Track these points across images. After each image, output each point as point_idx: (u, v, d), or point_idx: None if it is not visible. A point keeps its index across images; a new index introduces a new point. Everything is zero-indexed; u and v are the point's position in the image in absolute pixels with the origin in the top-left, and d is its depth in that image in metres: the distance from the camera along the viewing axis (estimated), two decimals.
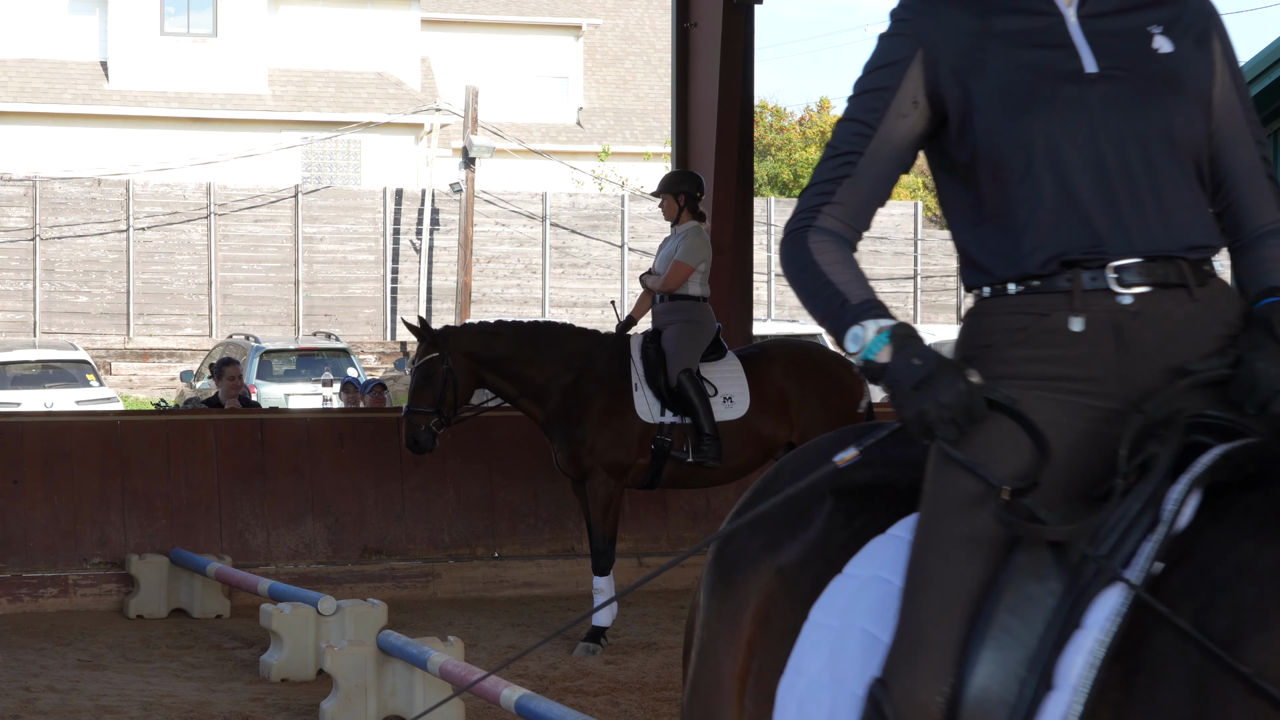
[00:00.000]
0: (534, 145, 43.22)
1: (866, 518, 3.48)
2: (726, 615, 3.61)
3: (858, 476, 3.51)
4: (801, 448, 3.76)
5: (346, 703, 8.56)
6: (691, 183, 11.37)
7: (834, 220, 3.35)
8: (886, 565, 3.34)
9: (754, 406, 11.12)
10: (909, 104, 3.29)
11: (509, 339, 11.06)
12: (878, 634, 3.27)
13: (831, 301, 3.30)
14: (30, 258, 35.75)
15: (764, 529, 3.61)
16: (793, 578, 3.50)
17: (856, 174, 3.33)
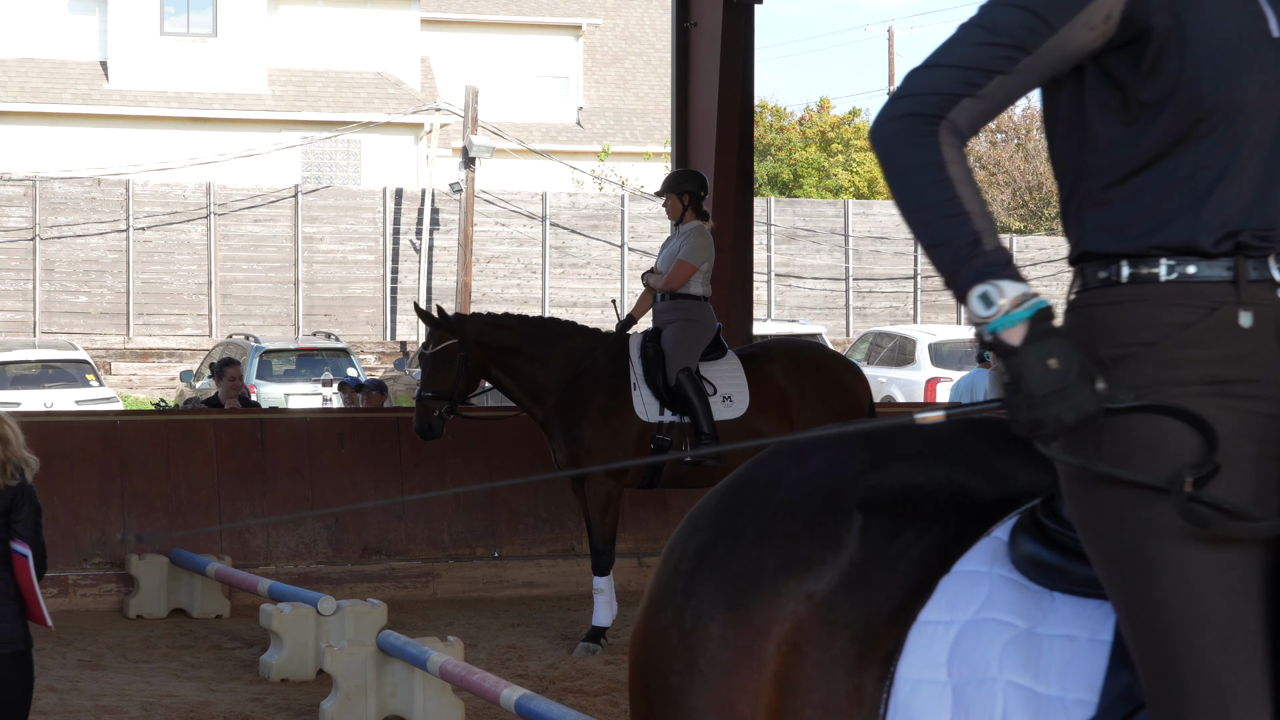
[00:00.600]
0: (534, 145, 43.21)
1: (910, 535, 3.14)
2: (738, 644, 3.18)
3: (883, 484, 3.19)
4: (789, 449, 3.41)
5: (346, 703, 8.56)
6: (695, 182, 11.36)
7: (969, 118, 2.83)
8: (993, 606, 2.99)
9: (753, 406, 11.11)
10: (1101, 17, 2.79)
11: (515, 332, 11.05)
12: (1030, 685, 2.91)
13: (957, 230, 2.77)
14: (30, 257, 35.75)
15: (773, 545, 3.21)
16: (830, 605, 3.13)
17: (1015, 72, 2.80)
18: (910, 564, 3.11)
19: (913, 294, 40.62)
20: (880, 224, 40.71)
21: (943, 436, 3.25)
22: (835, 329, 39.09)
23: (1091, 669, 2.87)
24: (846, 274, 40.26)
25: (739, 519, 3.27)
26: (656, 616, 3.31)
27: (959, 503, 3.15)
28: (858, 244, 40.33)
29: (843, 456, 3.27)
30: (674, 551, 3.36)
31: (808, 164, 46.78)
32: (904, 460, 3.21)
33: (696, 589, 3.25)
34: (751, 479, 3.34)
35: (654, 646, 3.30)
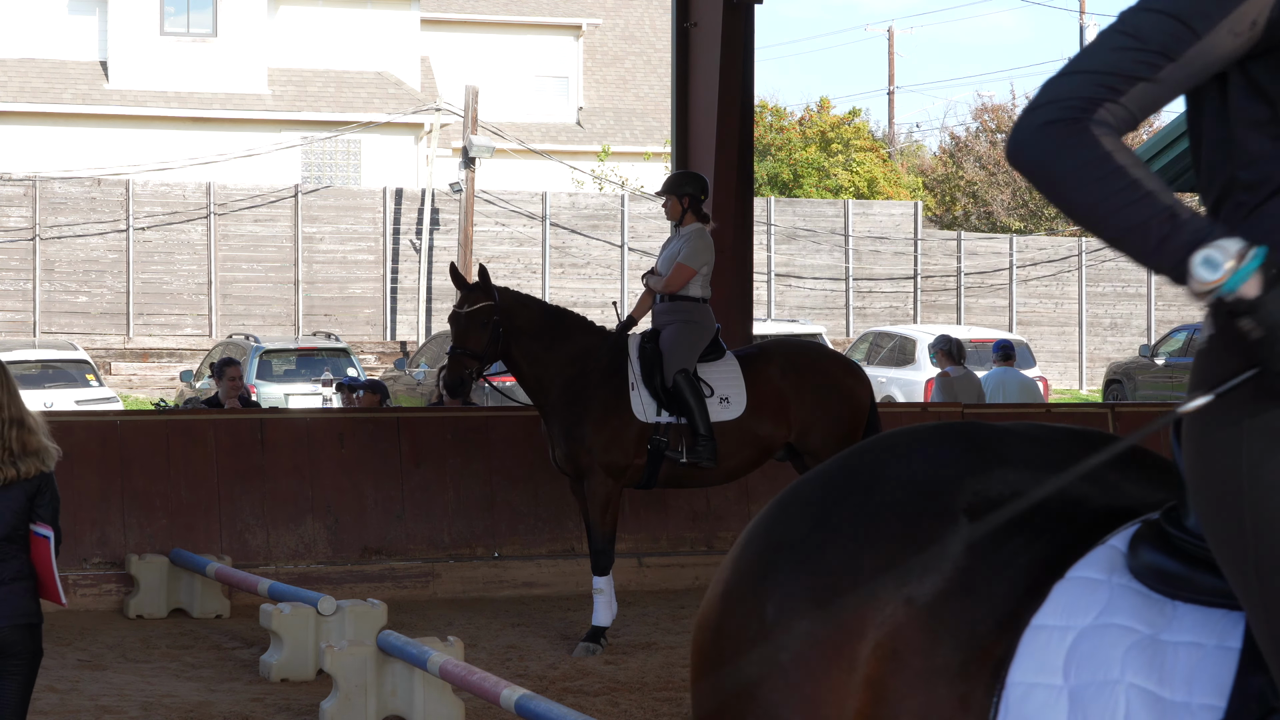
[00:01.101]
0: (534, 145, 43.22)
1: (1018, 543, 3.06)
2: (827, 642, 3.10)
3: (990, 489, 3.10)
4: (890, 444, 3.29)
5: (346, 703, 8.56)
6: (696, 184, 11.34)
7: (1113, 123, 2.71)
8: (1115, 612, 2.93)
9: (751, 407, 11.10)
10: (1247, 24, 2.70)
11: (536, 315, 11.06)
12: (1155, 689, 2.85)
13: (1147, 210, 2.65)
14: (30, 258, 35.75)
15: (871, 545, 3.12)
16: (933, 612, 3.05)
17: (1158, 80, 2.71)
18: (1019, 572, 3.04)
19: (913, 294, 40.60)
20: (880, 224, 40.70)
21: (1048, 443, 3.19)
22: (835, 329, 39.09)
23: (1220, 674, 2.83)
24: (846, 274, 40.25)
25: (836, 514, 3.19)
26: (734, 604, 3.21)
27: (1070, 512, 3.09)
28: (858, 244, 40.32)
29: (947, 457, 3.19)
30: (757, 538, 3.26)
31: (808, 164, 46.78)
32: (1010, 466, 3.15)
33: (784, 581, 3.16)
34: (851, 473, 3.25)
35: (728, 634, 3.21)
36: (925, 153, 62.85)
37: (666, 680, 9.88)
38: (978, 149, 50.86)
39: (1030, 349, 33.32)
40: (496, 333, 10.86)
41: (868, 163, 47.08)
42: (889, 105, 62.72)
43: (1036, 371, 32.16)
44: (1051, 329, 40.92)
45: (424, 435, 12.86)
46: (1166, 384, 31.35)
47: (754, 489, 13.24)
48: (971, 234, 42.91)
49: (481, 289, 10.92)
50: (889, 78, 62.74)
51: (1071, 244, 41.70)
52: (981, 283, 40.79)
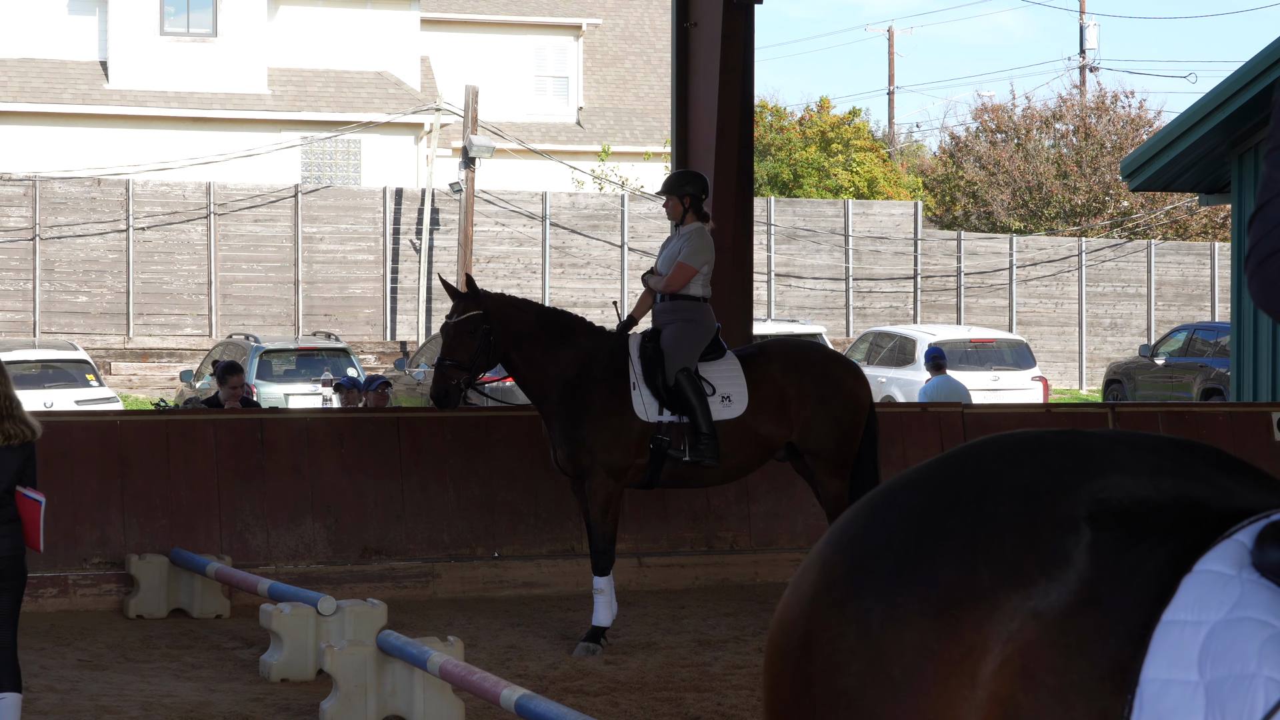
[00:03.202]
0: (534, 145, 43.22)
1: (1143, 551, 3.01)
2: (944, 657, 3.00)
3: (1111, 496, 3.05)
4: (999, 449, 3.22)
5: (346, 703, 8.56)
6: (697, 184, 11.33)
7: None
8: (1248, 606, 2.90)
9: (752, 406, 11.11)
10: None
11: (532, 320, 11.05)
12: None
13: None
14: (30, 258, 35.75)
15: (991, 556, 3.03)
16: (1063, 626, 2.98)
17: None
18: (1146, 580, 2.99)
19: (913, 294, 40.60)
20: (880, 224, 40.70)
21: (1159, 451, 3.15)
22: (835, 329, 39.09)
23: None
24: (846, 274, 40.25)
25: (947, 521, 3.10)
26: (826, 609, 3.10)
27: (1193, 517, 3.05)
28: (858, 244, 40.32)
29: (1060, 463, 3.12)
30: (849, 543, 3.16)
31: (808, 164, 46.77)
32: (1126, 471, 3.09)
33: (889, 590, 3.07)
34: (956, 479, 3.16)
35: (820, 642, 3.10)
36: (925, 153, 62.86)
37: (666, 680, 9.88)
38: (978, 149, 50.84)
39: (1030, 349, 33.32)
40: (486, 341, 10.86)
41: (868, 163, 47.08)
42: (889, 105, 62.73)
43: (1036, 371, 32.17)
44: (1051, 329, 40.91)
45: (424, 435, 12.86)
46: (1166, 384, 31.35)
47: (754, 489, 13.24)
48: (971, 234, 42.91)
49: (470, 298, 10.93)
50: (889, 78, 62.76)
51: (1071, 244, 41.70)
52: (981, 283, 40.79)
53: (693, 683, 9.79)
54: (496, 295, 11.17)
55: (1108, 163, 48.21)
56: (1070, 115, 50.53)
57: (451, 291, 11.03)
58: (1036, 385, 31.19)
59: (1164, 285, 41.49)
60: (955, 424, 13.83)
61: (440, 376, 10.87)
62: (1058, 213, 48.50)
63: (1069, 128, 50.32)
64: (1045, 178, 48.57)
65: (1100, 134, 49.40)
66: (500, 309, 10.98)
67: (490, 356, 10.92)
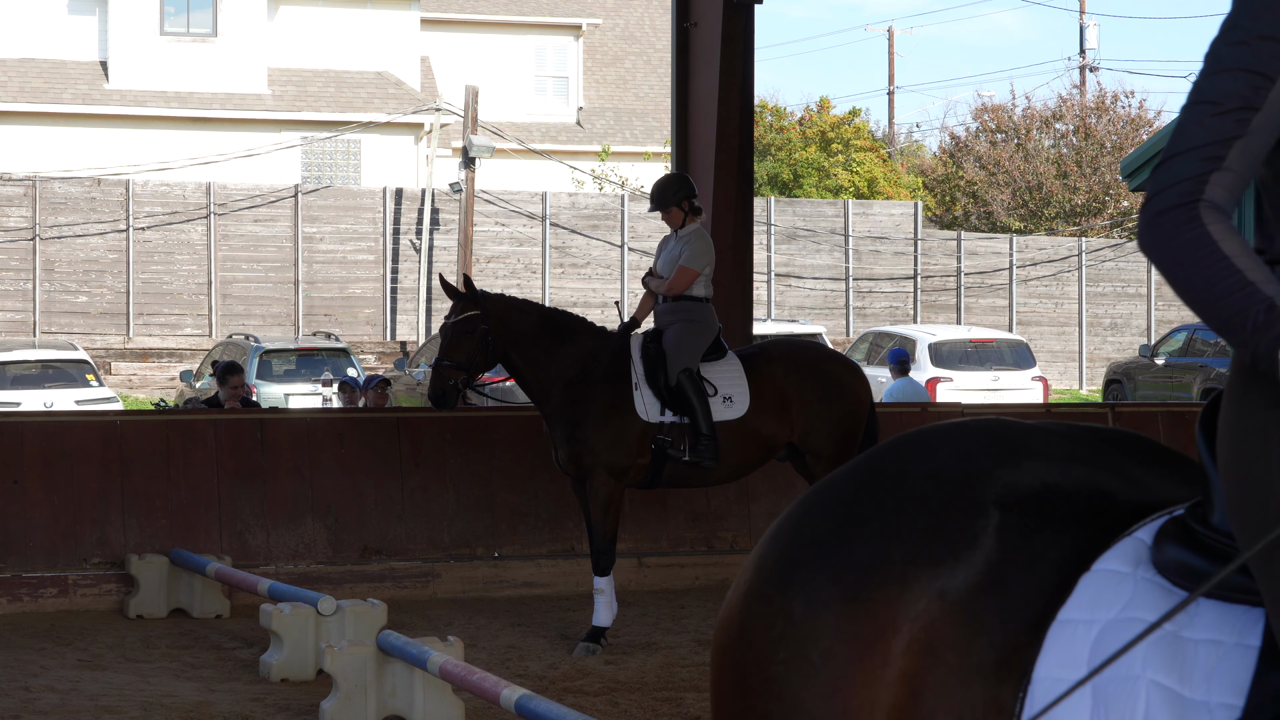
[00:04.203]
0: (534, 145, 43.22)
1: (1047, 537, 3.06)
2: (858, 638, 3.08)
3: (1021, 481, 3.10)
4: (913, 439, 3.28)
5: (346, 703, 8.56)
6: (685, 187, 11.33)
7: (1224, 192, 2.78)
8: (1137, 606, 2.94)
9: (754, 406, 11.10)
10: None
11: (532, 320, 11.04)
12: (1175, 687, 2.87)
13: (1248, 302, 2.70)
14: (30, 258, 35.75)
15: (902, 537, 3.10)
16: (967, 606, 3.04)
17: (1251, 133, 2.76)
18: (1049, 567, 3.04)
19: (913, 294, 40.60)
20: (880, 224, 40.70)
21: (1075, 439, 3.20)
22: (835, 329, 39.09)
23: (1238, 673, 2.84)
24: (846, 274, 40.25)
25: (863, 507, 3.17)
26: (757, 602, 3.19)
27: (1100, 506, 3.10)
28: (858, 244, 40.32)
29: (973, 449, 3.19)
30: (782, 537, 3.23)
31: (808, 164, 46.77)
32: (1039, 458, 3.15)
33: (810, 577, 3.13)
34: (876, 467, 3.23)
35: (753, 633, 3.17)
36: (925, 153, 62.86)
37: (666, 680, 9.88)
38: (978, 149, 50.84)
39: (1030, 349, 33.31)
40: (485, 341, 10.85)
41: (868, 163, 47.08)
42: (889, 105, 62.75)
43: (1036, 371, 32.16)
44: (1051, 329, 40.92)
45: (424, 435, 12.86)
46: (1166, 384, 31.34)
47: (754, 489, 13.24)
48: (971, 234, 42.92)
49: (469, 298, 10.93)
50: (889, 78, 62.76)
51: (1071, 244, 41.70)
52: (981, 283, 40.79)
53: (693, 683, 9.79)
54: (496, 296, 11.16)
55: (1108, 163, 48.21)
56: (1070, 115, 50.54)
57: (450, 292, 11.03)
58: (1036, 385, 31.19)
59: (1164, 285, 41.38)
60: None
61: (438, 377, 10.87)
62: (1058, 213, 48.52)
63: (1069, 128, 50.32)
64: (1045, 178, 48.57)
65: (1100, 134, 49.41)
66: (499, 309, 10.98)
67: (489, 357, 10.92)
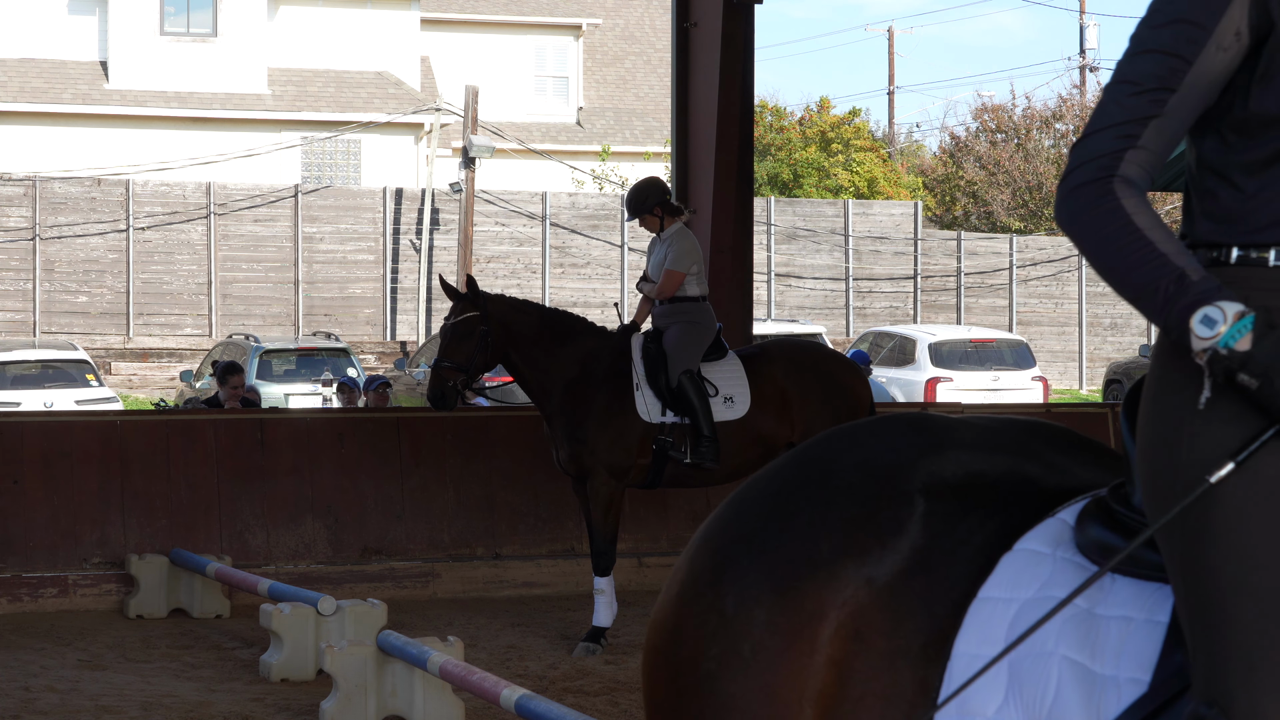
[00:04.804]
0: (534, 145, 43.21)
1: (972, 522, 3.14)
2: (787, 628, 3.13)
3: (945, 470, 3.18)
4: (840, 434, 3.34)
5: (346, 703, 8.56)
6: (657, 191, 11.31)
7: (1138, 169, 2.87)
8: (1054, 585, 3.02)
9: (755, 406, 11.11)
10: (1231, 36, 2.83)
11: (533, 321, 11.04)
12: (1086, 662, 2.95)
13: (1159, 273, 2.81)
14: (30, 258, 35.75)
15: (830, 528, 3.17)
16: (892, 592, 3.10)
17: (1167, 113, 2.86)
18: (973, 551, 3.12)
19: (913, 294, 40.60)
20: (880, 224, 40.70)
21: (999, 430, 3.28)
22: (835, 329, 39.08)
23: (1146, 649, 2.93)
24: (846, 274, 40.25)
25: (791, 502, 3.23)
26: (690, 601, 3.24)
27: (1023, 491, 3.17)
28: (858, 244, 40.31)
29: (900, 442, 3.25)
30: (712, 537, 3.29)
31: (808, 164, 46.76)
32: (963, 448, 3.22)
33: (742, 573, 3.19)
34: (804, 462, 3.29)
35: (686, 632, 3.22)
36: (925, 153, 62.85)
37: None
38: (978, 149, 50.84)
39: (1030, 349, 33.31)
40: (484, 342, 10.86)
41: (868, 163, 47.07)
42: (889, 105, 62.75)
43: (1036, 371, 32.16)
44: (1051, 329, 40.91)
45: (424, 435, 12.86)
46: None
47: None
48: (971, 234, 42.92)
49: (468, 299, 10.93)
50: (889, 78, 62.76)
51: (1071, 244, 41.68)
52: (981, 283, 40.79)
53: None
54: (495, 296, 11.16)
55: None
56: (1070, 115, 50.55)
57: (450, 292, 11.03)
58: (1036, 385, 31.19)
59: None
60: None
61: (436, 378, 10.88)
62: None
63: (1069, 128, 50.32)
64: (1045, 178, 48.57)
65: None
66: (498, 310, 10.98)
67: (488, 358, 10.92)
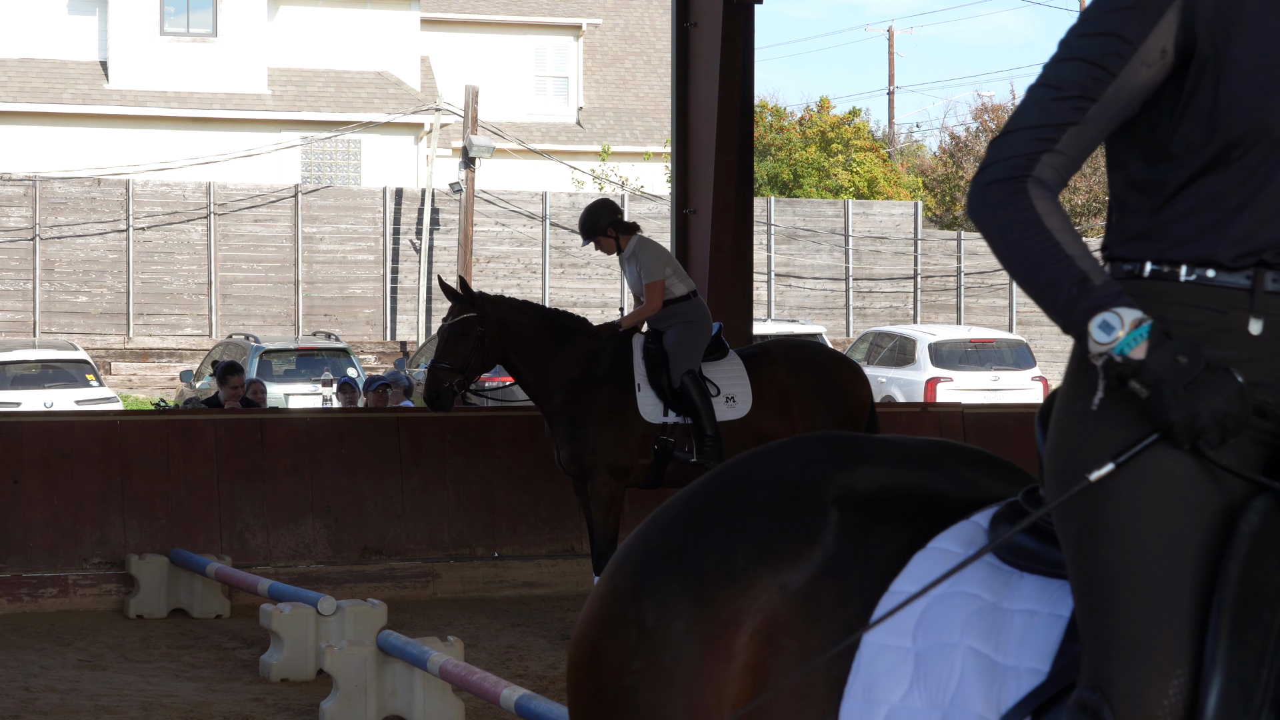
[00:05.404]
0: (534, 145, 43.21)
1: (885, 531, 3.24)
2: (705, 638, 3.22)
3: (858, 483, 3.29)
4: (755, 452, 3.44)
5: (346, 703, 8.56)
6: (606, 213, 11.31)
7: (1053, 171, 2.93)
8: (963, 580, 3.12)
9: (756, 406, 11.12)
10: (1157, 54, 2.90)
11: (532, 321, 11.06)
12: (990, 653, 3.05)
13: (1063, 274, 2.87)
14: (30, 258, 35.74)
15: (745, 540, 3.26)
16: (806, 596, 3.20)
17: (1086, 121, 2.92)
18: (886, 556, 3.22)
19: (913, 294, 40.60)
20: (880, 224, 40.69)
21: (911, 447, 3.39)
22: (835, 329, 39.09)
23: (1047, 641, 3.03)
24: (846, 274, 40.25)
25: (708, 517, 3.32)
26: (611, 617, 3.32)
27: (934, 503, 3.27)
28: (858, 244, 40.32)
29: (814, 456, 3.36)
30: (632, 554, 3.38)
31: (808, 164, 46.75)
32: (875, 464, 3.32)
33: (660, 586, 3.27)
34: (720, 479, 3.40)
35: (608, 647, 3.31)
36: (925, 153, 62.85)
37: None
38: (978, 149, 50.83)
39: (1030, 349, 33.30)
40: (480, 343, 10.87)
41: (868, 163, 47.07)
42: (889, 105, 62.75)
43: (1036, 371, 32.15)
44: (1052, 329, 40.88)
45: (424, 435, 12.86)
46: None
47: None
48: (971, 234, 42.90)
49: (465, 300, 10.95)
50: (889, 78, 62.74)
51: None
52: (981, 283, 40.79)
53: None
54: (494, 297, 11.17)
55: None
56: None
57: (449, 293, 11.04)
58: (1037, 385, 31.18)
59: None
60: (955, 424, 13.83)
61: (433, 379, 10.91)
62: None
63: None
64: None
65: None
66: (497, 311, 10.99)
67: (486, 359, 10.94)
